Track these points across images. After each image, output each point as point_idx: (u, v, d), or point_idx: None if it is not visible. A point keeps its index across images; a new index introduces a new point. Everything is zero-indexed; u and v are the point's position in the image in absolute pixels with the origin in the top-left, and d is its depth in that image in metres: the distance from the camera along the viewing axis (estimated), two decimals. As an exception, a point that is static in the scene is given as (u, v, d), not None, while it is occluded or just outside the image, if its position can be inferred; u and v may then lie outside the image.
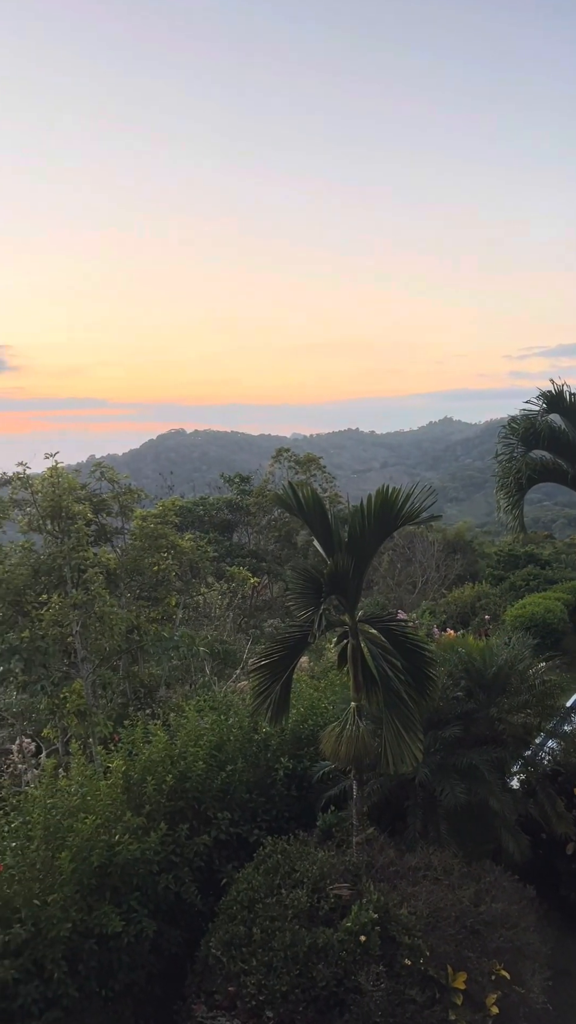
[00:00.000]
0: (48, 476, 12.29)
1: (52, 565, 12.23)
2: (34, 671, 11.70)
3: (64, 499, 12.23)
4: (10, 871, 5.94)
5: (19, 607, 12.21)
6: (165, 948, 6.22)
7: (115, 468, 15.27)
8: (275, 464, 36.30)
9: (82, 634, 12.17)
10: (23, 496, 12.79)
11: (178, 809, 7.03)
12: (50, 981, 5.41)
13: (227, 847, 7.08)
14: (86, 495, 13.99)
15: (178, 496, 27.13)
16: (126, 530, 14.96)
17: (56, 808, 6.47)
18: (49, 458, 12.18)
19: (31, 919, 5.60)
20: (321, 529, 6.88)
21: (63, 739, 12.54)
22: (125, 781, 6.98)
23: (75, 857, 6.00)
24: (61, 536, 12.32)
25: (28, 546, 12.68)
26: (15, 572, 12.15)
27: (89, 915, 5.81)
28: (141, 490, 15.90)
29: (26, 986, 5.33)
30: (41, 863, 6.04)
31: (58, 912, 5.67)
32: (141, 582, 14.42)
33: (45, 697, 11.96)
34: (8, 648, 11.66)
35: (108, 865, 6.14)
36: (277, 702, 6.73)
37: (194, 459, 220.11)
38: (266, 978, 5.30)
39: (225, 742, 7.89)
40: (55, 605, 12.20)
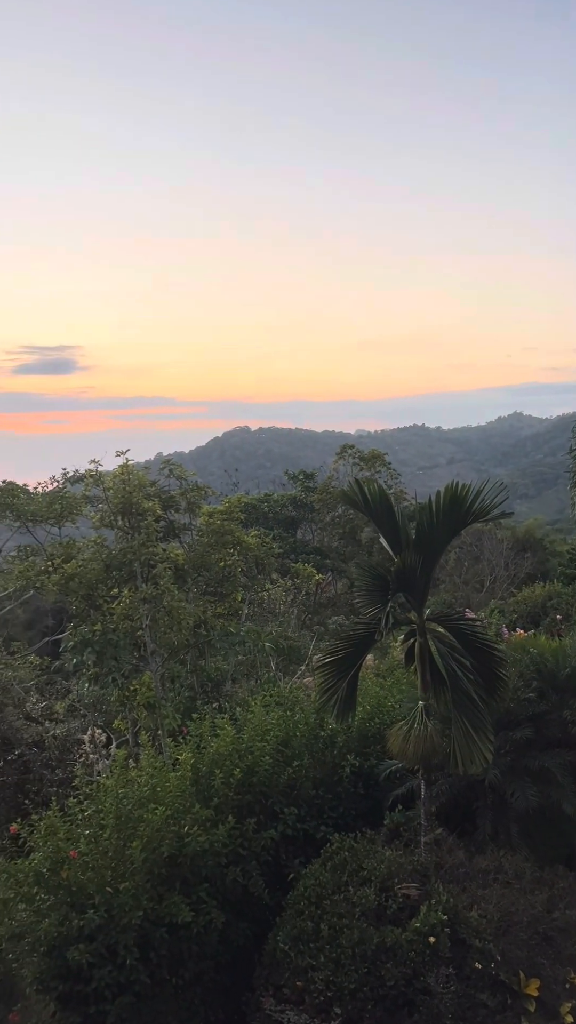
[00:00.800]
0: (119, 473, 12.55)
1: (123, 560, 12.50)
2: (106, 663, 11.98)
3: (134, 496, 12.47)
4: (84, 858, 6.11)
5: (91, 601, 12.52)
6: (233, 939, 6.29)
7: (182, 465, 15.50)
8: (339, 461, 36.20)
9: (151, 628, 12.40)
10: (95, 493, 13.10)
11: (245, 803, 7.09)
12: (123, 967, 5.54)
13: (294, 842, 7.11)
14: (155, 492, 14.24)
15: (243, 493, 27.37)
16: (193, 526, 15.17)
17: (127, 798, 6.61)
18: (120, 456, 12.44)
19: (104, 905, 5.75)
20: (388, 526, 6.82)
21: (133, 730, 12.82)
22: (194, 774, 7.08)
23: (146, 847, 6.12)
24: (131, 532, 12.57)
25: (100, 541, 12.99)
26: (88, 567, 12.46)
27: (160, 904, 5.92)
28: (208, 487, 16.09)
29: (100, 970, 5.47)
30: (113, 851, 6.18)
31: (129, 900, 5.80)
32: (208, 578, 14.61)
33: (116, 689, 12.23)
34: (81, 641, 11.97)
35: (177, 856, 6.24)
36: (343, 699, 6.71)
37: (258, 456, 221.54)
38: (334, 974, 5.30)
39: (291, 738, 7.92)
40: (126, 599, 12.47)
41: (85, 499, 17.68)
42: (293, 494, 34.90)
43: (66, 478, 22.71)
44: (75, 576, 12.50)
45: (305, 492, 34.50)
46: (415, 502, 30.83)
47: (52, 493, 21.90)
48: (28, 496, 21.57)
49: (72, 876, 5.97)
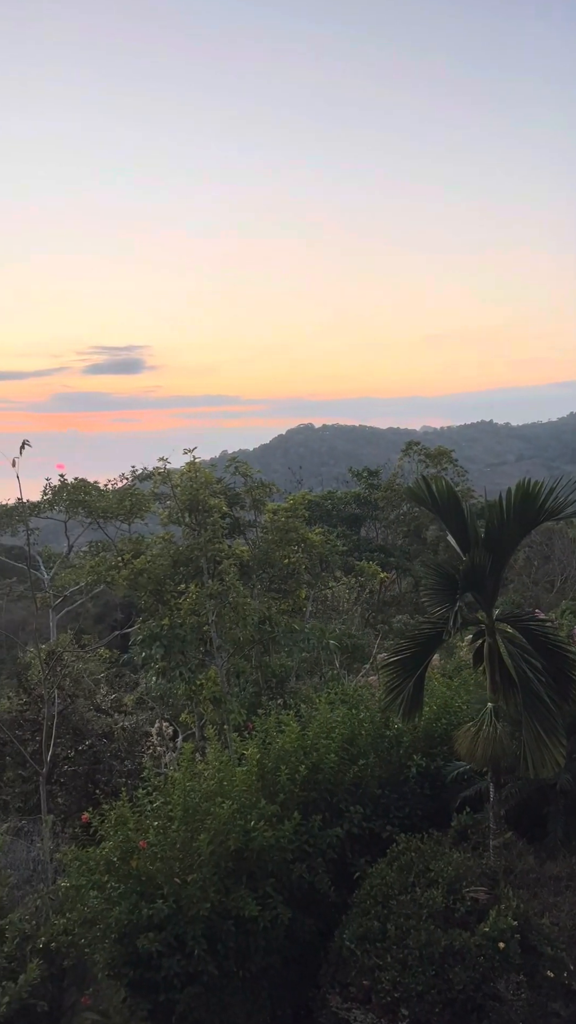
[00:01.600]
0: (186, 471, 12.72)
1: (190, 556, 12.66)
2: (173, 658, 12.16)
3: (201, 493, 12.61)
4: (153, 849, 6.23)
5: (160, 596, 12.73)
6: (299, 935, 6.32)
7: (247, 463, 15.62)
8: (404, 458, 35.82)
9: (217, 623, 12.54)
10: (163, 490, 13.32)
11: (311, 800, 7.10)
12: (191, 957, 5.63)
13: (359, 841, 7.08)
14: (221, 489, 14.39)
15: (307, 490, 27.39)
16: (258, 523, 15.26)
17: (194, 791, 6.70)
18: (187, 453, 12.60)
19: (172, 896, 5.85)
20: (456, 524, 6.72)
21: (199, 724, 12.98)
22: (259, 769, 7.13)
23: (213, 840, 6.19)
24: (198, 528, 12.73)
25: (168, 538, 13.20)
26: (156, 563, 12.67)
27: (227, 897, 5.99)
28: (272, 484, 16.16)
29: (169, 959, 5.58)
30: (181, 843, 6.28)
31: (197, 892, 5.88)
32: (272, 574, 14.68)
33: (183, 683, 12.41)
34: (150, 635, 12.18)
35: (244, 850, 6.30)
36: (409, 699, 6.65)
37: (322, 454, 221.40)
38: (401, 976, 5.26)
39: (356, 736, 7.90)
40: (192, 595, 12.64)
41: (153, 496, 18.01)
42: (357, 491, 34.70)
43: (135, 475, 23.23)
44: (144, 571, 12.73)
45: (369, 489, 34.27)
46: (483, 500, 30.25)
47: (122, 490, 22.42)
48: (99, 493, 22.15)
49: (141, 866, 6.10)
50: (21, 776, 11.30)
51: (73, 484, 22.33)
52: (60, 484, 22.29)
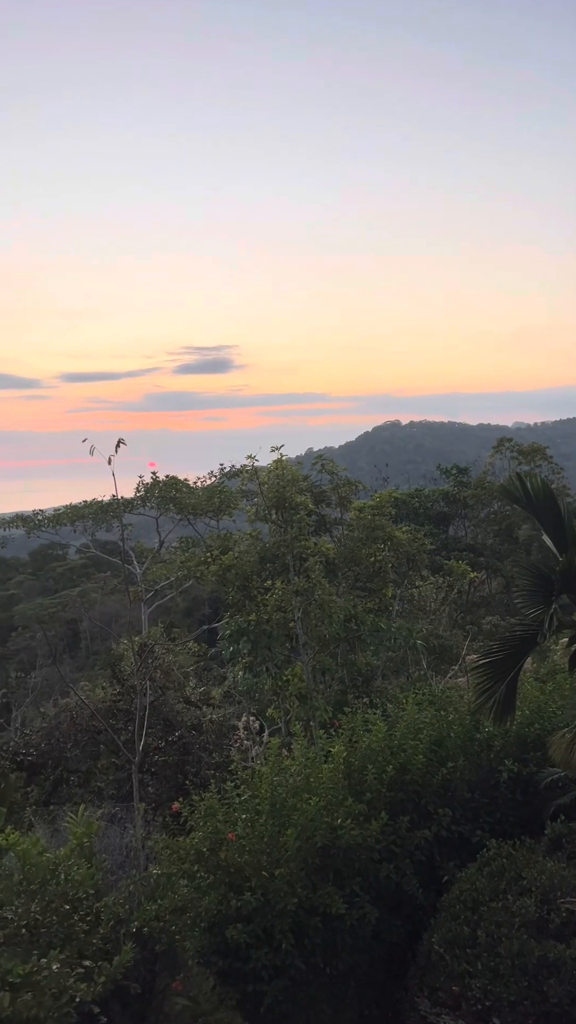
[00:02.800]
0: (273, 469, 12.84)
1: (276, 553, 12.78)
2: (260, 653, 12.31)
3: (287, 490, 12.70)
4: (241, 841, 6.31)
5: (247, 592, 12.90)
6: (386, 936, 6.27)
7: (333, 460, 15.61)
8: (496, 455, 34.99)
9: (303, 620, 12.60)
10: (251, 488, 13.47)
11: (398, 800, 7.03)
12: (278, 950, 5.67)
13: (448, 844, 6.97)
14: (307, 486, 14.45)
15: (393, 488, 27.10)
16: (344, 521, 15.24)
17: (281, 786, 6.75)
18: (274, 451, 12.72)
19: (260, 889, 5.91)
20: (551, 523, 6.50)
21: (284, 720, 13.08)
22: (346, 767, 7.12)
23: (300, 835, 6.22)
24: (284, 525, 12.83)
25: (255, 534, 13.35)
26: (243, 559, 12.85)
27: (314, 893, 6.00)
28: (358, 482, 16.10)
29: (257, 951, 5.64)
30: (268, 837, 6.34)
31: (284, 886, 5.92)
32: (358, 572, 14.63)
33: (269, 678, 12.54)
34: (237, 630, 12.37)
35: (331, 847, 6.30)
36: (501, 702, 6.48)
37: (408, 451, 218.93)
38: (492, 984, 5.15)
39: (445, 738, 7.77)
40: (278, 591, 12.75)
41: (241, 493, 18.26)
42: (445, 489, 34.11)
43: (223, 473, 23.64)
44: (232, 567, 12.93)
45: (458, 487, 33.62)
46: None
47: (210, 487, 22.85)
48: (189, 490, 22.66)
49: (230, 857, 6.19)
50: (115, 764, 11.67)
51: (164, 481, 22.93)
52: (152, 481, 22.93)
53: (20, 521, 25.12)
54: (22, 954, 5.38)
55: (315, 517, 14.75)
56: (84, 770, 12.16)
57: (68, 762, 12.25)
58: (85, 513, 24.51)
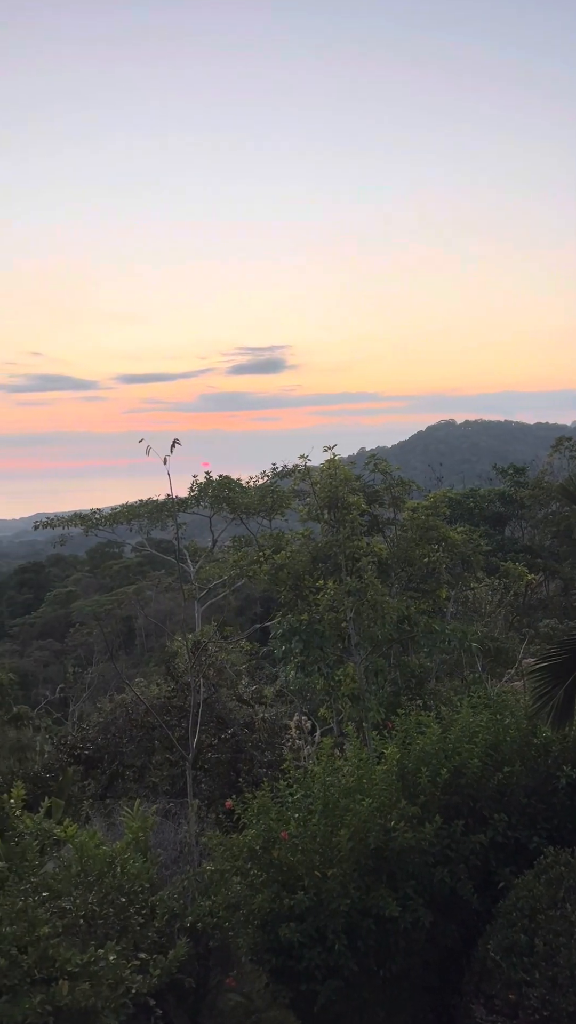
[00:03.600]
0: (325, 468, 12.82)
1: (328, 552, 12.76)
2: (312, 652, 12.31)
3: (340, 490, 12.68)
4: (293, 840, 6.32)
5: (299, 591, 12.92)
6: (441, 940, 6.20)
7: (387, 460, 15.51)
8: (554, 454, 34.29)
9: (355, 620, 12.55)
10: (303, 487, 13.49)
11: (452, 804, 6.95)
12: (331, 951, 5.67)
13: (503, 850, 6.85)
14: (360, 486, 14.38)
15: (448, 488, 26.80)
16: (397, 521, 15.12)
17: (334, 786, 6.74)
18: (327, 451, 12.70)
19: (313, 888, 5.91)
20: (614, 523, 6.33)
21: (336, 720, 13.05)
22: (399, 769, 7.06)
23: (353, 836, 6.20)
24: (337, 525, 12.80)
25: (307, 534, 13.36)
26: (295, 558, 12.87)
27: (367, 894, 5.98)
28: (412, 482, 15.96)
29: (310, 950, 5.64)
30: (321, 837, 6.34)
31: (337, 887, 5.92)
32: (411, 573, 14.50)
33: (321, 678, 12.53)
34: (289, 629, 12.40)
35: (384, 849, 6.26)
36: (559, 707, 6.37)
37: (463, 450, 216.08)
38: (550, 993, 5.04)
39: (501, 742, 7.64)
40: (330, 591, 12.72)
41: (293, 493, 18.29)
42: (502, 489, 33.55)
43: (275, 473, 23.74)
44: (284, 567, 12.96)
45: (515, 487, 33.02)
46: None
47: (263, 487, 22.98)
48: (242, 490, 22.83)
49: (283, 856, 6.21)
50: (169, 760, 11.83)
51: (217, 481, 23.15)
52: (205, 481, 23.18)
53: (79, 520, 25.70)
54: (80, 944, 5.50)
55: (368, 517, 14.67)
56: (139, 765, 12.36)
57: (124, 757, 12.47)
58: (141, 512, 24.93)
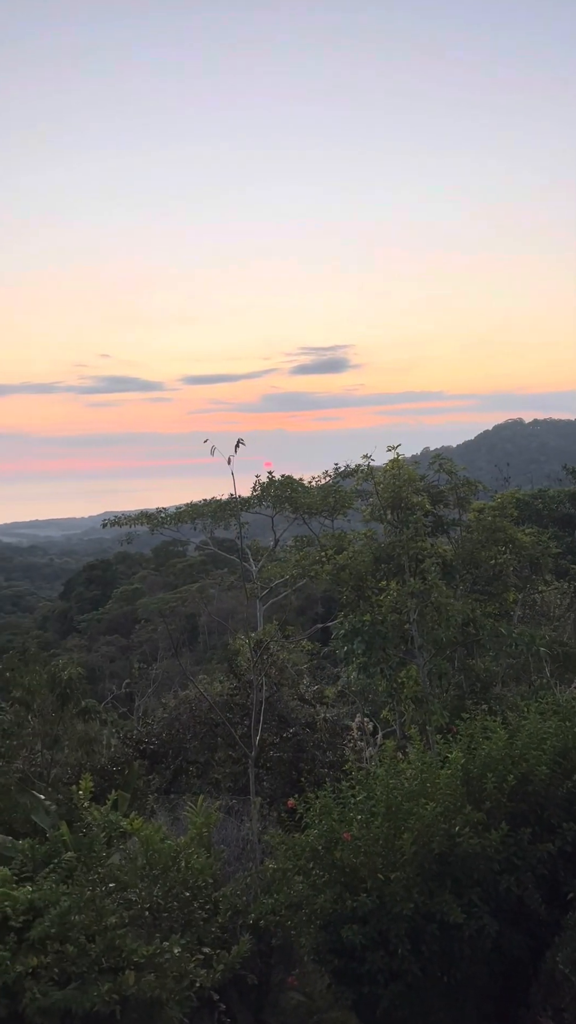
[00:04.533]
0: (389, 468, 12.72)
1: (391, 553, 12.66)
2: (374, 654, 12.23)
3: (403, 490, 12.56)
4: (356, 842, 6.30)
5: (361, 592, 12.86)
6: (507, 950, 6.08)
7: (452, 460, 15.27)
8: (626, 453, 33.16)
9: (419, 622, 12.41)
10: (366, 487, 13.41)
11: (519, 812, 6.80)
12: (394, 954, 5.62)
13: (573, 860, 6.67)
14: (424, 486, 14.20)
15: (516, 488, 26.25)
16: (463, 522, 14.87)
17: (397, 789, 6.68)
18: (391, 451, 12.60)
19: (376, 891, 5.88)
20: None
21: (399, 722, 12.94)
22: (464, 774, 6.95)
23: (416, 840, 6.13)
24: (400, 526, 12.69)
25: (370, 534, 13.29)
26: (358, 559, 12.80)
27: (430, 899, 5.91)
28: (478, 482, 15.68)
29: (372, 953, 5.61)
30: (384, 840, 6.30)
31: (400, 890, 5.86)
32: (476, 575, 14.23)
33: (383, 680, 12.45)
34: (351, 629, 12.34)
35: (448, 855, 6.18)
36: None
37: (531, 450, 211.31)
38: (622, 1012, 4.88)
39: (570, 749, 7.43)
40: (393, 592, 12.61)
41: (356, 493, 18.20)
42: (572, 490, 32.68)
43: (337, 473, 23.70)
44: (346, 567, 12.91)
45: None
46: None
47: (325, 487, 22.98)
48: (304, 490, 22.88)
49: (345, 857, 6.19)
50: (231, 757, 11.95)
51: (280, 481, 23.25)
52: (268, 481, 23.30)
53: (145, 518, 26.20)
54: (145, 936, 5.61)
55: (432, 518, 14.47)
56: (202, 761, 12.53)
57: (187, 753, 12.66)
58: (204, 511, 25.23)
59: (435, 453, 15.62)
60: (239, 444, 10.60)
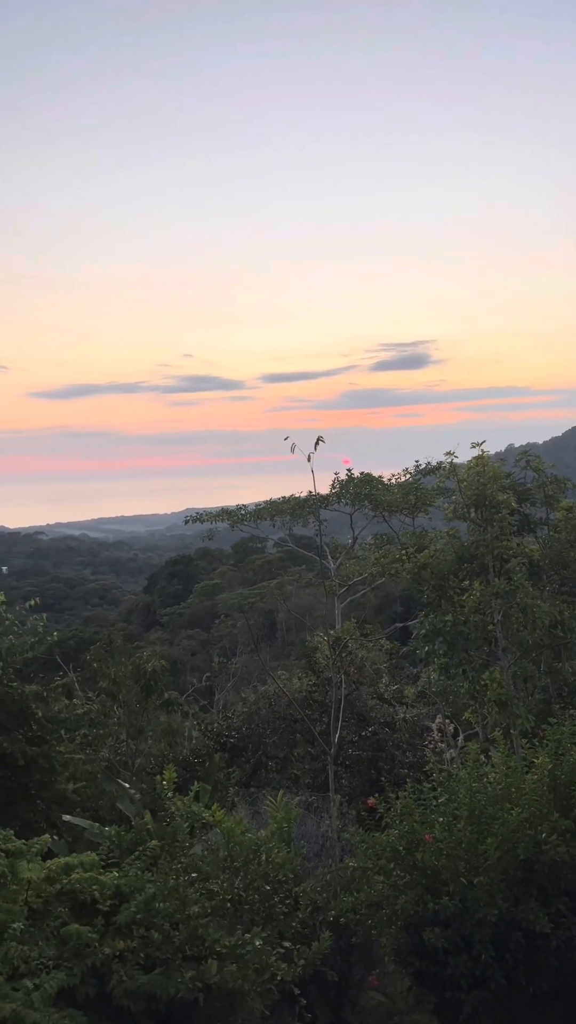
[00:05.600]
0: (473, 465, 12.45)
1: (475, 552, 12.39)
2: (456, 655, 12.01)
3: (488, 488, 12.27)
4: (438, 844, 6.21)
5: (442, 591, 12.63)
6: (597, 964, 5.87)
7: (540, 457, 14.83)
8: None
9: (503, 623, 12.11)
10: (448, 485, 13.18)
11: (610, 820, 6.55)
12: (478, 960, 5.52)
13: None
14: (510, 484, 13.84)
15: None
16: (550, 521, 14.43)
17: (480, 793, 6.55)
18: (475, 447, 12.33)
19: (458, 895, 5.78)
20: None
21: (482, 724, 12.68)
22: (551, 780, 6.75)
23: (500, 845, 6.00)
24: (484, 525, 12.41)
25: (453, 533, 13.04)
26: (440, 557, 12.59)
27: (515, 907, 5.77)
28: (567, 479, 15.17)
29: (455, 958, 5.53)
30: (467, 843, 6.18)
31: (484, 896, 5.75)
32: (564, 576, 13.78)
33: (466, 682, 12.21)
34: (433, 630, 12.16)
35: (534, 862, 6.01)
36: None
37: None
38: None
39: None
40: (476, 592, 12.34)
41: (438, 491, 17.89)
42: None
43: (418, 470, 23.34)
44: (427, 566, 12.72)
45: None
46: None
47: (406, 484, 22.67)
48: (384, 487, 22.65)
49: (427, 859, 6.12)
50: (310, 753, 11.98)
51: (359, 478, 23.10)
52: (347, 478, 23.19)
53: (225, 515, 26.52)
54: (227, 926, 5.69)
55: (518, 516, 14.08)
56: (281, 757, 12.60)
57: (267, 747, 12.77)
58: (284, 508, 25.32)
59: (521, 450, 15.21)
60: (319, 441, 10.57)
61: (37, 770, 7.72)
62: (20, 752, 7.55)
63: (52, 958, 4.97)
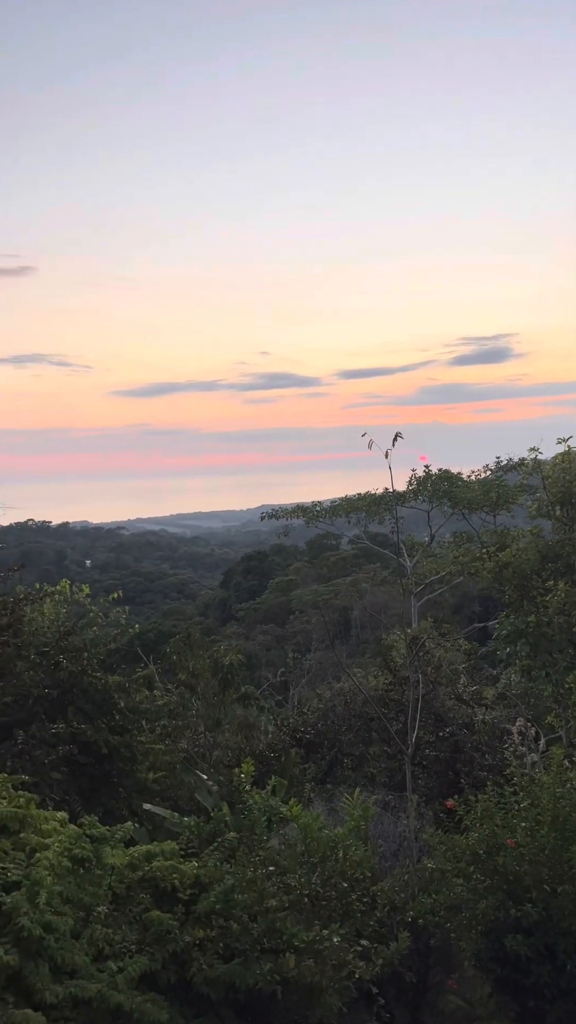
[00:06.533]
0: (558, 461, 12.10)
1: (560, 552, 12.05)
2: (539, 657, 11.69)
3: (574, 485, 11.90)
4: (520, 850, 6.05)
5: (525, 591, 12.32)
6: None
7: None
8: None
9: (589, 625, 11.70)
10: (532, 482, 12.84)
11: None
12: (562, 970, 5.36)
13: None
14: (597, 481, 13.36)
15: None
16: None
17: (565, 799, 6.35)
18: (561, 443, 11.97)
19: (541, 903, 5.62)
20: None
21: (566, 729, 12.29)
22: None
23: (586, 854, 5.81)
24: (570, 523, 12.04)
25: (536, 531, 12.70)
26: (522, 556, 12.29)
27: (603, 919, 5.57)
28: None
29: (539, 966, 5.38)
30: (550, 850, 6.01)
31: (569, 904, 5.58)
32: None
33: (549, 685, 11.87)
34: (514, 631, 11.87)
35: (622, 873, 5.79)
36: None
37: None
38: None
39: None
40: (561, 592, 11.97)
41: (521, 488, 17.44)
42: None
43: (499, 466, 22.83)
44: (509, 565, 12.42)
45: None
46: None
47: (487, 481, 22.20)
48: (463, 484, 22.24)
49: (508, 864, 5.98)
50: (387, 753, 11.88)
51: (437, 475, 22.75)
52: (424, 475, 22.88)
53: (300, 512, 26.61)
54: (304, 922, 5.69)
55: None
56: (357, 754, 12.54)
57: (342, 745, 12.73)
58: (359, 505, 25.20)
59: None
60: (397, 437, 10.44)
61: (119, 759, 7.93)
62: (103, 741, 7.77)
63: (135, 943, 5.09)
